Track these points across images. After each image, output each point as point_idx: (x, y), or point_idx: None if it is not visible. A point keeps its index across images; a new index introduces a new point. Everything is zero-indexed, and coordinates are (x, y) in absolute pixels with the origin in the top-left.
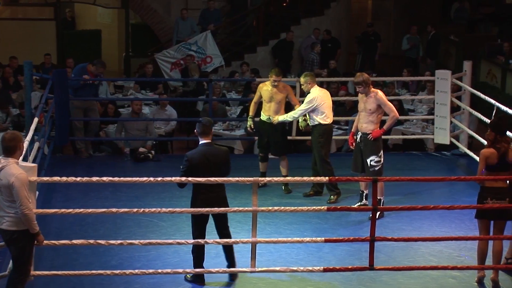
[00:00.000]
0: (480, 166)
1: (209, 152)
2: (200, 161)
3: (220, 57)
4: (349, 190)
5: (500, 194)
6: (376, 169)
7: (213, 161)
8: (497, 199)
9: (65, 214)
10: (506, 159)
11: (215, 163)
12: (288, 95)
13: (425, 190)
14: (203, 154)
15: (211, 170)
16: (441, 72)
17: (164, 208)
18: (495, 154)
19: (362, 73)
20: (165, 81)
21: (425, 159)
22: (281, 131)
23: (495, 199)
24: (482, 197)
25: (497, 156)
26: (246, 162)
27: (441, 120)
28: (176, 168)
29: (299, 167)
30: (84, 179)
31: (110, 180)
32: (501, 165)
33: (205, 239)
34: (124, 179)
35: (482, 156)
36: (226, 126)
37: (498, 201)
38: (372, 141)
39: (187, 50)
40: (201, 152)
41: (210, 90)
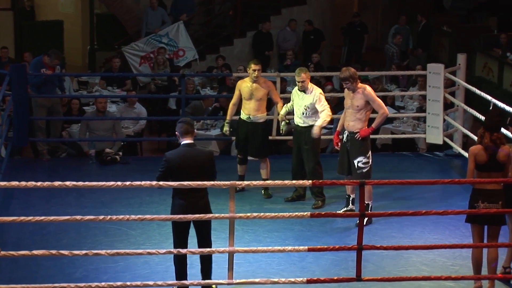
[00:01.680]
0: (470, 165)
1: (189, 153)
2: (179, 163)
3: (193, 50)
4: (335, 194)
5: (493, 197)
6: (364, 171)
7: (193, 164)
8: (489, 202)
9: (25, 222)
10: (496, 158)
11: (196, 166)
12: (269, 91)
13: (417, 194)
14: (182, 155)
15: (191, 173)
16: (433, 66)
17: (133, 215)
18: (483, 151)
19: (348, 68)
20: (134, 76)
21: (417, 160)
22: (262, 131)
23: (487, 202)
24: (474, 199)
25: (486, 154)
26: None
27: (433, 118)
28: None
29: (281, 169)
30: (45, 184)
31: (73, 185)
32: (492, 165)
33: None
34: (89, 184)
35: (471, 153)
36: (200, 126)
37: (490, 204)
38: (359, 140)
39: (157, 43)
40: (181, 153)
41: (182, 86)
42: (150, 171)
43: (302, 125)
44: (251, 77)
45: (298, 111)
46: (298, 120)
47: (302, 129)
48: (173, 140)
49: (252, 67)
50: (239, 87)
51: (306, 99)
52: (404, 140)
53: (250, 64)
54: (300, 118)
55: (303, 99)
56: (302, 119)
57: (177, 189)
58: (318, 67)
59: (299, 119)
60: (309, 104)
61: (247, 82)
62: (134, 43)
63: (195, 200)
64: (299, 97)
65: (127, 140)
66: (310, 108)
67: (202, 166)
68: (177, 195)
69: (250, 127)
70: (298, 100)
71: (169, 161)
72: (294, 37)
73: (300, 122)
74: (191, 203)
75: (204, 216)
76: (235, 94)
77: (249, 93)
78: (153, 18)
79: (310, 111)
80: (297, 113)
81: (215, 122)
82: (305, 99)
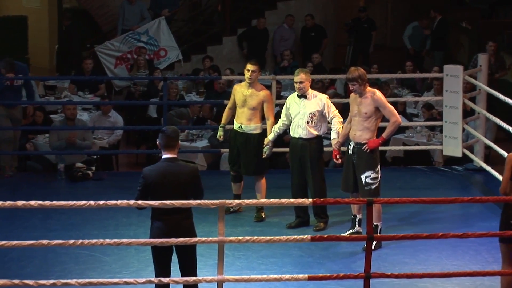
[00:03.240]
0: (506, 174)
1: (170, 169)
2: (156, 180)
3: (176, 50)
4: (339, 214)
5: None
6: (372, 188)
7: (174, 181)
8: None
9: None
10: None
11: (177, 183)
12: (264, 102)
13: (432, 214)
14: (161, 171)
15: (171, 192)
16: (451, 67)
17: (108, 239)
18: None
19: (358, 68)
20: (108, 80)
21: (432, 175)
22: (256, 144)
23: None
24: (508, 215)
25: None
26: (210, 181)
27: (451, 127)
28: (122, 189)
29: (277, 186)
30: (7, 203)
31: (39, 205)
32: None
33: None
34: (57, 203)
35: (508, 160)
36: (185, 136)
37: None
38: (367, 153)
39: (135, 41)
40: (160, 169)
41: (164, 91)
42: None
43: (306, 137)
44: (245, 79)
45: (300, 120)
46: (299, 132)
47: (305, 142)
48: (153, 153)
49: (247, 67)
50: (234, 92)
51: (309, 106)
52: (418, 152)
53: (247, 65)
54: (303, 129)
55: (306, 107)
56: (305, 129)
57: (157, 210)
58: (319, 68)
59: (301, 129)
60: (315, 111)
61: (243, 86)
62: (109, 42)
63: (178, 222)
64: (299, 105)
65: (101, 153)
66: (317, 115)
67: (184, 184)
68: (156, 216)
69: (242, 138)
70: (298, 108)
71: (147, 177)
72: (292, 35)
73: (303, 134)
74: (172, 225)
75: (189, 240)
76: (231, 99)
77: (242, 100)
78: (131, 13)
79: (317, 119)
80: (298, 123)
81: (202, 132)
82: (308, 106)
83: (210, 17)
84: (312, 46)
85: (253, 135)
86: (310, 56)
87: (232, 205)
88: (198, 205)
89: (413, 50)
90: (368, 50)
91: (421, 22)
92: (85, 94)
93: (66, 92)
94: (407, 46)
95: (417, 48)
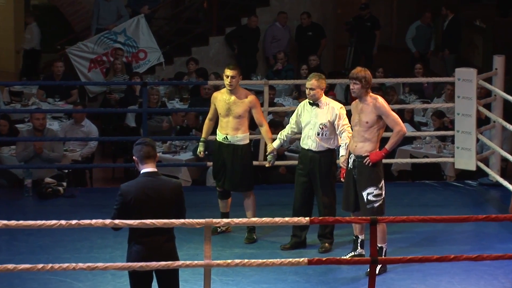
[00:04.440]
0: None
1: (151, 185)
2: (136, 198)
3: (158, 52)
4: (339, 235)
5: None
6: (375, 206)
7: (155, 198)
8: None
9: None
10: None
11: (159, 201)
12: (251, 108)
13: (443, 234)
14: (141, 187)
15: (152, 211)
16: (463, 70)
17: (80, 263)
18: None
19: (366, 69)
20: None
21: (443, 191)
22: (243, 156)
23: None
24: None
25: None
26: (196, 198)
27: (463, 137)
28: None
29: (270, 203)
30: None
31: (4, 225)
32: None
33: None
34: (24, 223)
35: None
36: (167, 148)
37: None
38: (369, 167)
39: (111, 42)
40: (140, 185)
41: (144, 97)
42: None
43: (316, 150)
44: (225, 86)
45: (310, 131)
46: (309, 143)
47: (314, 154)
48: (132, 166)
49: (225, 72)
50: (214, 100)
51: (321, 116)
52: (427, 165)
53: (225, 70)
54: (313, 141)
55: (317, 116)
56: (315, 141)
57: (135, 231)
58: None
59: (311, 141)
60: (326, 122)
61: (223, 93)
62: (82, 42)
63: (158, 245)
64: (310, 113)
65: (73, 167)
66: (329, 127)
67: (167, 202)
68: (135, 238)
69: (228, 150)
70: (309, 117)
71: (125, 195)
72: (285, 35)
73: (313, 146)
74: (153, 248)
75: (172, 264)
76: (211, 108)
77: (225, 108)
78: (106, 10)
79: (328, 130)
80: (308, 134)
81: (186, 143)
82: (319, 115)
83: (195, 15)
84: (309, 47)
85: (240, 147)
86: (306, 58)
87: (220, 225)
88: (182, 225)
89: (418, 54)
90: (371, 51)
91: (423, 19)
92: (55, 101)
93: (34, 99)
94: (411, 49)
95: (422, 50)
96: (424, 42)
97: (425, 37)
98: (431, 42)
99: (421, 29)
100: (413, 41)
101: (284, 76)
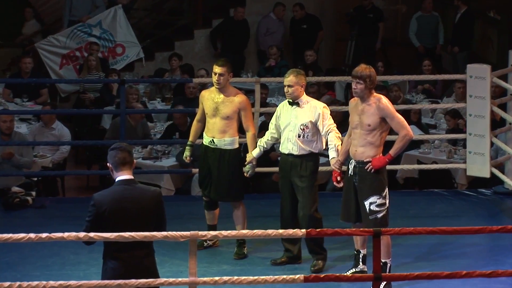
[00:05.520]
0: None
1: (127, 194)
2: (112, 208)
3: (137, 46)
4: (338, 249)
5: None
6: (379, 217)
7: (133, 208)
8: None
9: None
10: None
11: (136, 212)
12: (240, 110)
13: (454, 247)
14: (118, 197)
15: (130, 223)
16: (476, 67)
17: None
18: None
19: (370, 66)
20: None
21: (454, 200)
22: (231, 162)
23: None
24: None
25: None
26: (180, 209)
27: (476, 141)
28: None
29: (262, 214)
30: None
31: None
32: None
33: None
34: None
35: None
36: (148, 153)
37: None
38: (372, 173)
39: (86, 36)
40: (116, 195)
41: (122, 96)
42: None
43: (297, 154)
44: (213, 84)
45: (290, 133)
46: (289, 146)
47: (295, 159)
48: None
49: (214, 69)
50: (202, 99)
51: (302, 116)
52: (436, 172)
53: (214, 67)
54: (293, 144)
55: (298, 116)
56: (296, 144)
57: (111, 245)
58: (314, 69)
59: (291, 144)
60: (307, 122)
61: (212, 92)
62: (53, 36)
63: (137, 261)
64: (290, 114)
65: (43, 175)
66: (310, 127)
67: (146, 212)
68: (110, 254)
69: (214, 156)
70: (289, 117)
71: (99, 205)
72: (280, 28)
73: (293, 150)
74: (131, 264)
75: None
76: (199, 108)
77: (213, 108)
78: (80, 0)
79: (310, 132)
80: (288, 137)
81: (169, 148)
82: (300, 115)
83: (179, 5)
84: (305, 41)
85: (228, 151)
86: (302, 54)
87: (206, 238)
88: (164, 238)
89: (423, 48)
90: (374, 46)
91: (424, 8)
92: (23, 101)
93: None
94: (415, 44)
95: (429, 44)
96: (430, 34)
97: (430, 29)
98: (439, 34)
99: (423, 19)
100: (416, 34)
101: (278, 73)
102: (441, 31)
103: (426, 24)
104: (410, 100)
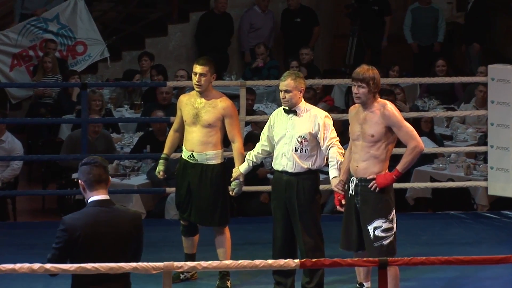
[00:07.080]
0: None
1: (104, 217)
2: (86, 234)
3: (101, 44)
4: (338, 282)
5: None
6: (385, 244)
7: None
8: None
9: None
10: None
11: (115, 237)
12: (224, 117)
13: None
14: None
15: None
16: (498, 68)
17: None
18: None
19: (373, 67)
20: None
21: (472, 224)
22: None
23: None
24: None
25: None
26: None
27: (499, 154)
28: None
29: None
30: None
31: None
32: None
33: None
34: None
35: None
36: (114, 170)
37: None
38: (376, 193)
39: (41, 32)
40: (90, 218)
41: (83, 103)
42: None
43: (292, 171)
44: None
45: (285, 146)
46: (283, 162)
47: (291, 178)
48: (69, 194)
49: (194, 68)
50: (180, 105)
51: (300, 126)
52: (452, 191)
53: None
54: (289, 159)
55: (295, 127)
56: (292, 160)
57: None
58: (310, 70)
59: (286, 159)
60: (306, 134)
61: (192, 96)
62: (2, 32)
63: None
64: (286, 124)
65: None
66: (310, 140)
67: (125, 238)
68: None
69: (194, 172)
70: (284, 128)
71: (71, 230)
72: (267, 23)
73: (288, 166)
74: None
75: None
76: (177, 116)
77: (193, 115)
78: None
79: (309, 145)
80: (283, 151)
81: (138, 163)
82: (298, 125)
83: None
84: (298, 38)
85: (211, 167)
86: (295, 52)
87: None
88: (133, 270)
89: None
90: (379, 43)
91: None
92: None
93: None
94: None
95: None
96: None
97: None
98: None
99: (419, 12)
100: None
101: (267, 76)
102: (441, 28)
103: (422, 18)
104: (423, 107)
